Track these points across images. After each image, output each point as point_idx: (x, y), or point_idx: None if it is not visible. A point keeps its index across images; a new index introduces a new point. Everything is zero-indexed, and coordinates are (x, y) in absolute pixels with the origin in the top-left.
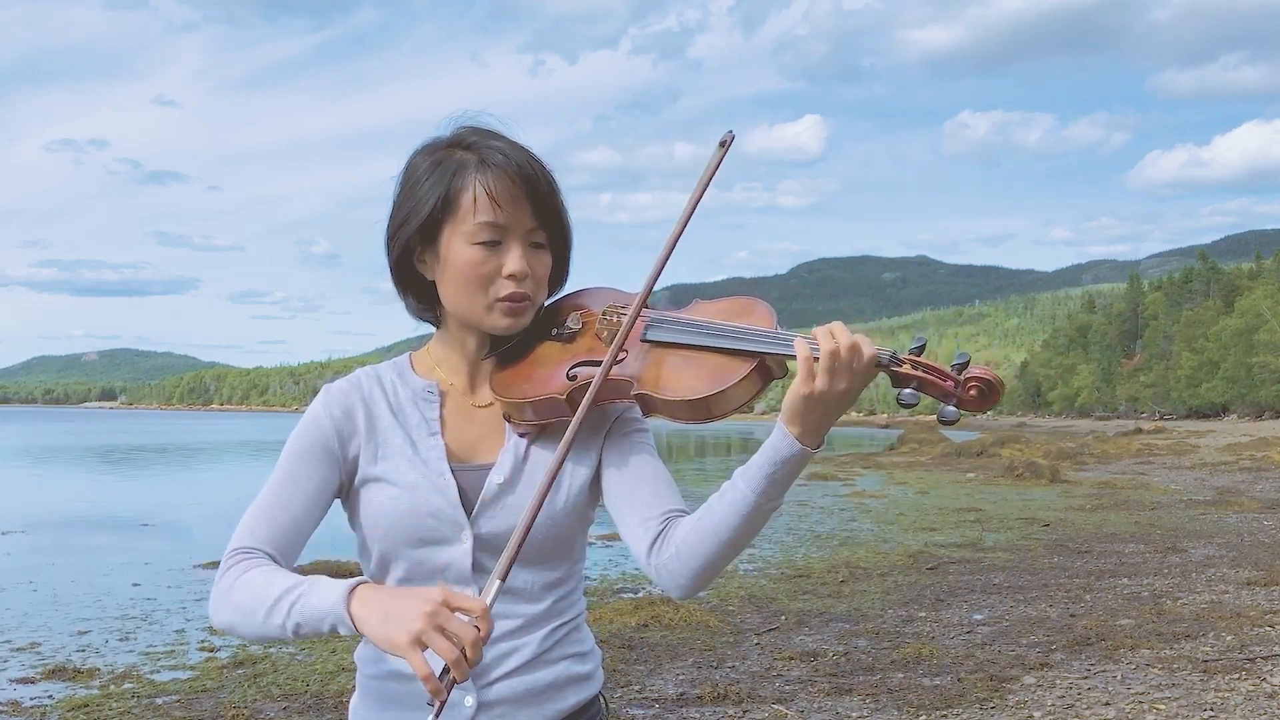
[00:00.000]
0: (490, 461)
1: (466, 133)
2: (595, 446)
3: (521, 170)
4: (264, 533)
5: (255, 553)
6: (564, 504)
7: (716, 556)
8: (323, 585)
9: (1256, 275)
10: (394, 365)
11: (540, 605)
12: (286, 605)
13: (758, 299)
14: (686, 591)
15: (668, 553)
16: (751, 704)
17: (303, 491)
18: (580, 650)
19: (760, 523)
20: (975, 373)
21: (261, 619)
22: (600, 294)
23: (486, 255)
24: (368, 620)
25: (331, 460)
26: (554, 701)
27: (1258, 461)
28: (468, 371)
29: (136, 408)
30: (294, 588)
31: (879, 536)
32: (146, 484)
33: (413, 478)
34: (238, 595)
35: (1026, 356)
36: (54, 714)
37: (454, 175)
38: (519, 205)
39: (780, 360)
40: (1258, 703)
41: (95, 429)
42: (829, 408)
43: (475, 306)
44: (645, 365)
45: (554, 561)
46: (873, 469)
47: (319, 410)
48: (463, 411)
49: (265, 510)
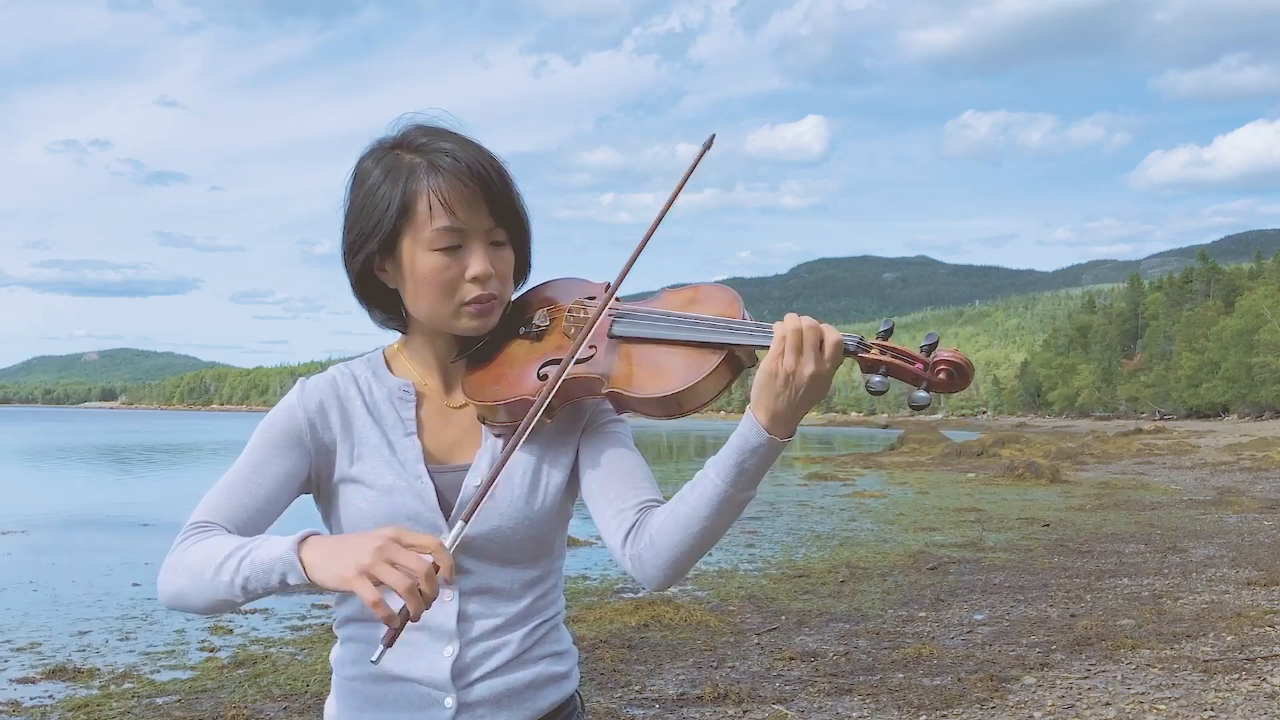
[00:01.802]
0: (467, 463)
1: (415, 133)
2: (571, 445)
3: (473, 170)
4: (226, 511)
5: (210, 526)
6: (541, 504)
7: (689, 548)
8: (272, 540)
9: (1257, 275)
10: (368, 363)
11: (519, 604)
12: (236, 561)
13: (723, 286)
14: (660, 583)
15: (642, 543)
16: (752, 704)
17: (268, 477)
18: (558, 650)
19: (734, 513)
20: (944, 355)
21: (210, 578)
22: (567, 285)
23: (448, 261)
24: (316, 563)
25: (302, 452)
26: (533, 701)
27: (1258, 461)
28: (440, 373)
29: (136, 408)
30: (244, 544)
31: (879, 536)
32: (146, 484)
33: (390, 480)
34: (185, 560)
35: (1027, 356)
36: (54, 714)
37: (406, 181)
38: (475, 207)
39: (749, 350)
40: (1258, 703)
41: (95, 429)
42: (796, 394)
43: (442, 312)
44: (615, 361)
45: (533, 561)
46: (873, 469)
47: (294, 401)
48: (439, 412)
49: (229, 491)
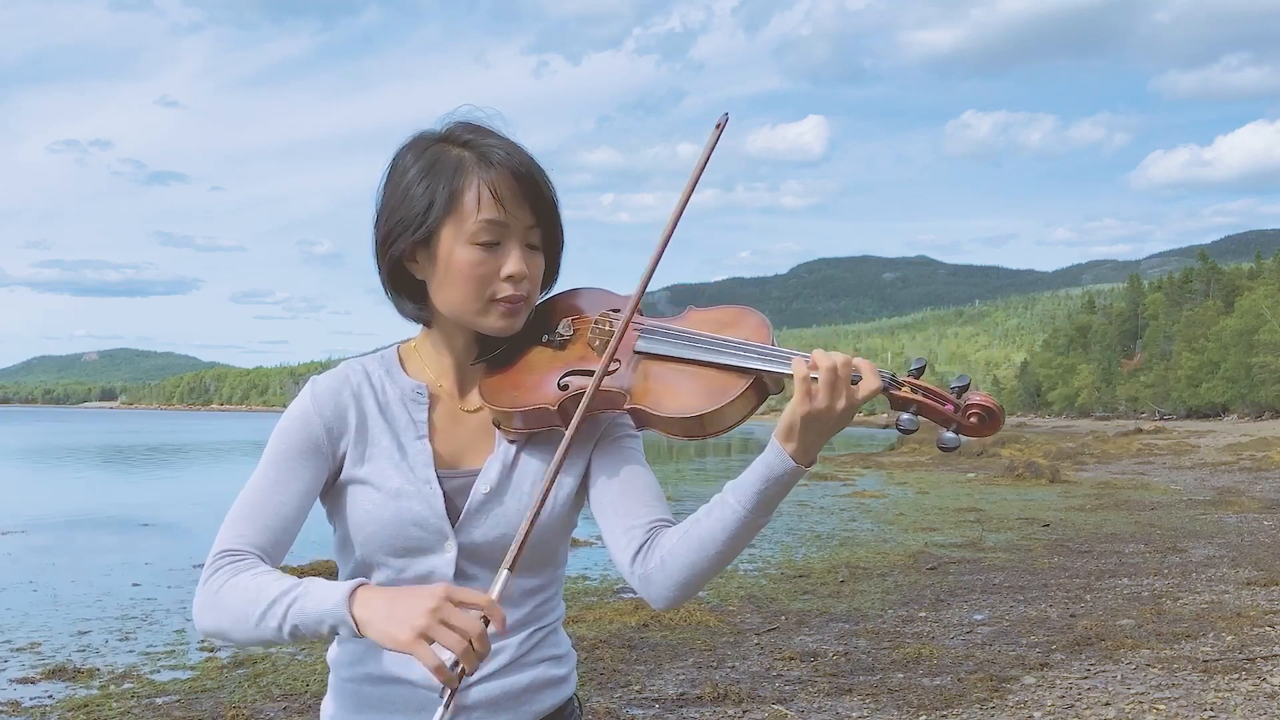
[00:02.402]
0: (478, 468)
1: (461, 129)
2: (584, 456)
3: (523, 169)
4: (252, 535)
5: (243, 555)
6: (550, 515)
7: (702, 570)
8: (320, 588)
9: (1256, 275)
10: (381, 360)
11: (520, 611)
12: (282, 609)
13: (752, 309)
14: (669, 602)
15: (652, 563)
16: (751, 704)
17: (291, 492)
18: (556, 653)
19: (748, 538)
20: (976, 400)
21: (255, 623)
22: (592, 295)
23: (485, 256)
24: (370, 621)
25: (320, 459)
26: (530, 704)
27: (1258, 461)
28: (456, 374)
29: (136, 408)
30: (289, 590)
31: (879, 536)
32: (146, 484)
33: (398, 483)
34: (227, 599)
35: (1026, 356)
36: (54, 714)
37: (454, 173)
38: (519, 205)
39: (776, 378)
40: (1258, 703)
41: (95, 429)
42: (825, 426)
43: (471, 307)
44: (638, 378)
45: (538, 569)
46: (873, 469)
47: (308, 406)
48: (451, 416)
49: (251, 511)
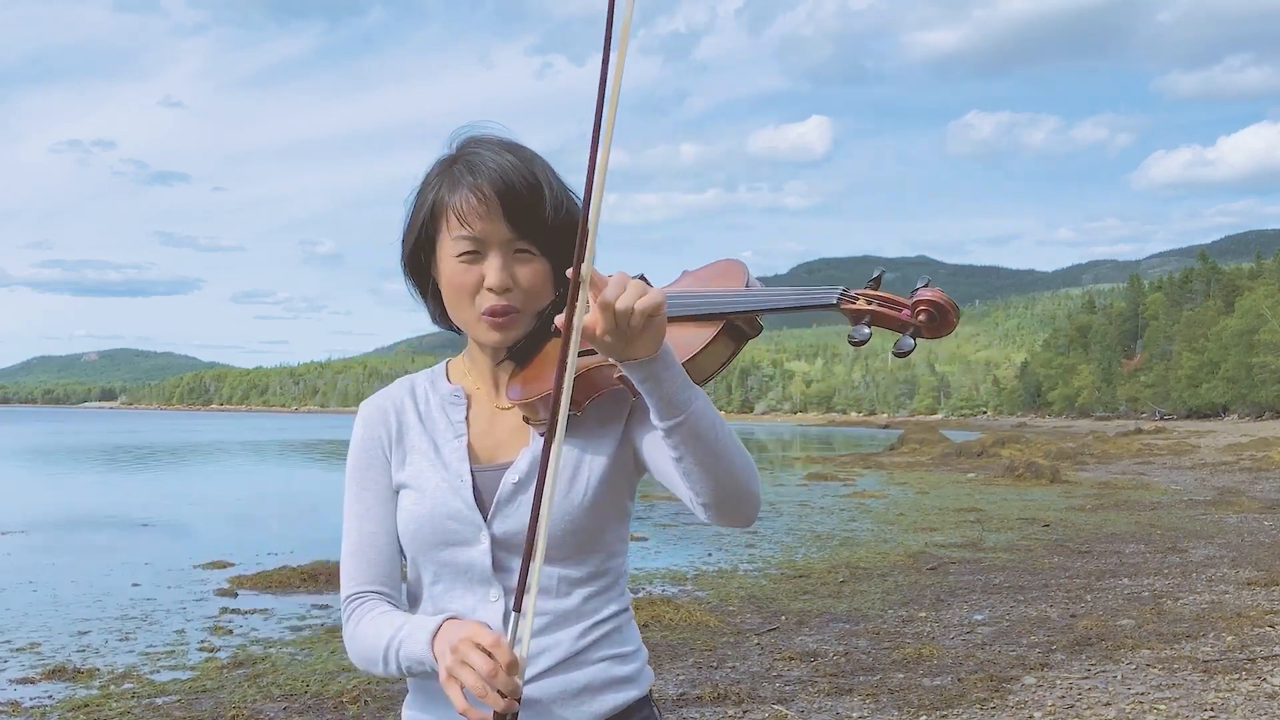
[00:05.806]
0: (510, 461)
1: (465, 143)
2: (612, 435)
3: (496, 184)
4: (363, 575)
5: (364, 597)
6: (582, 498)
7: (722, 482)
8: (415, 630)
9: (1257, 275)
10: (430, 373)
11: (567, 602)
12: (394, 655)
13: (735, 259)
14: (735, 521)
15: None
16: (752, 704)
17: (375, 519)
18: (623, 651)
19: (706, 428)
20: (924, 295)
21: (383, 667)
22: None
23: (467, 267)
24: (437, 662)
25: (382, 474)
26: (589, 704)
27: (1258, 461)
28: (490, 376)
29: (136, 408)
30: (396, 634)
31: (879, 537)
32: (146, 484)
33: (434, 481)
34: (359, 645)
35: (1027, 356)
36: (54, 714)
37: (438, 187)
38: (492, 220)
39: (750, 318)
40: (1258, 703)
41: (95, 429)
42: (631, 331)
43: (463, 317)
44: None
45: (579, 557)
46: (873, 469)
47: (360, 433)
48: (488, 414)
49: (354, 550)
